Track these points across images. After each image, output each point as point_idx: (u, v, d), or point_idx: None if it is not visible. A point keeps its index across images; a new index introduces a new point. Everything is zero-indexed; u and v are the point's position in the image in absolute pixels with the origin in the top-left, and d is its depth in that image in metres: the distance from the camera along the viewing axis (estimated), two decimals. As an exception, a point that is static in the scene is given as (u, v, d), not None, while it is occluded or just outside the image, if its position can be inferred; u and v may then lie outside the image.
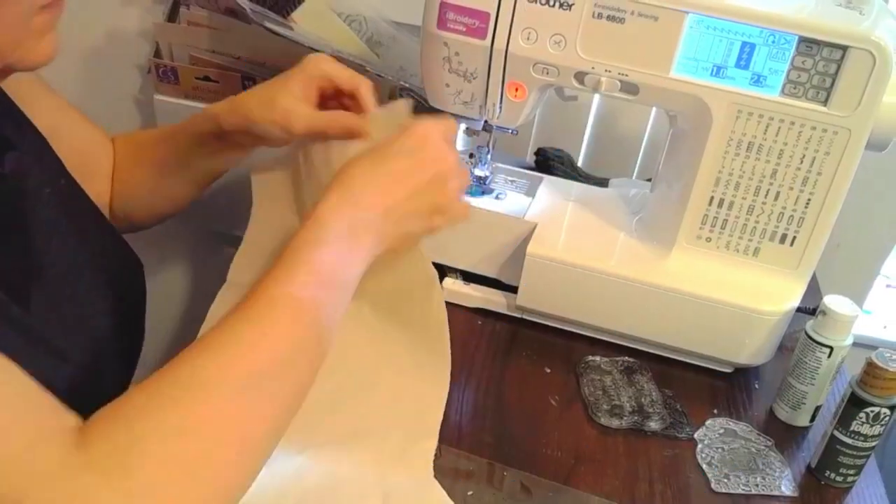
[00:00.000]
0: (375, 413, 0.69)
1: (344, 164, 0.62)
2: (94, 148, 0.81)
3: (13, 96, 0.67)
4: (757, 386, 0.81)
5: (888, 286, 1.31)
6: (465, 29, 0.73)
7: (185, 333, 0.74)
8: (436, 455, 0.67)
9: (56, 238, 0.65)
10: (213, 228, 1.21)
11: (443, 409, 0.71)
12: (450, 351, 0.73)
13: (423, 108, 1.05)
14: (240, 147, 0.79)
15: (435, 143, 0.64)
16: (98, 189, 0.79)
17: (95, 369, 0.49)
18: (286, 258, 0.56)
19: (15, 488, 0.42)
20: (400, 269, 0.72)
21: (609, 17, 0.70)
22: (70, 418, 0.47)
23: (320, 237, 0.58)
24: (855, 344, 0.73)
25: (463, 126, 0.84)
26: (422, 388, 0.72)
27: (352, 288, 0.60)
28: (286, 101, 0.71)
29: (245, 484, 0.50)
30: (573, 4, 0.70)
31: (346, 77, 0.73)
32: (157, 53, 1.06)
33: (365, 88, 0.73)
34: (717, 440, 0.73)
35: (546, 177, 0.92)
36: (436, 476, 0.65)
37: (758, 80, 0.70)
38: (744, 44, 0.69)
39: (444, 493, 0.65)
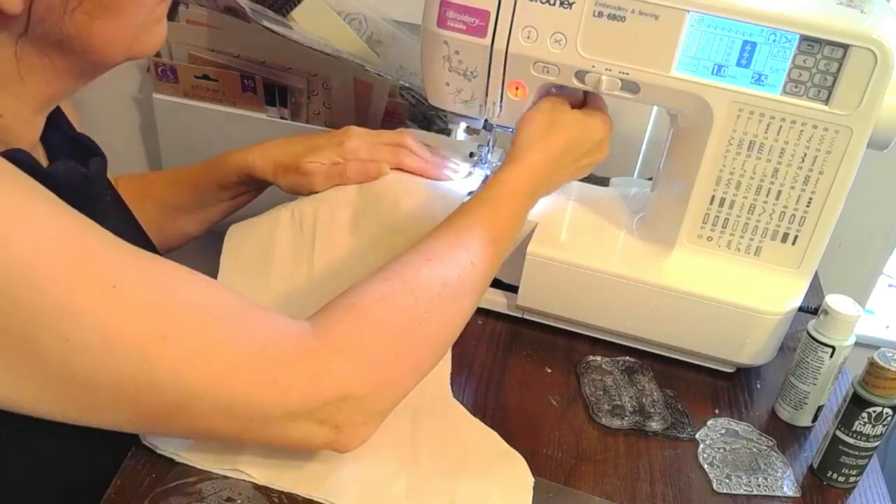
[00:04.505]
0: None
1: (525, 126, 0.73)
2: None
3: None
4: (759, 386, 0.81)
5: (890, 286, 1.31)
6: (465, 27, 0.73)
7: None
8: None
9: None
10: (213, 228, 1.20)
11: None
12: None
13: (421, 106, 1.05)
14: (261, 190, 0.86)
15: (602, 110, 0.76)
16: None
17: None
18: (484, 200, 0.67)
19: (267, 371, 0.50)
20: None
21: (610, 16, 0.69)
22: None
23: (498, 195, 0.68)
24: (857, 344, 0.72)
25: (463, 125, 0.84)
26: None
27: (512, 240, 0.70)
28: (312, 167, 0.78)
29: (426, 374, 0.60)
30: (574, 3, 0.69)
31: (374, 176, 0.79)
32: (156, 52, 1.06)
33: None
34: (718, 440, 0.73)
35: (546, 176, 0.92)
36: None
37: (759, 79, 0.69)
38: (745, 42, 0.68)
39: (464, 409, 0.70)
